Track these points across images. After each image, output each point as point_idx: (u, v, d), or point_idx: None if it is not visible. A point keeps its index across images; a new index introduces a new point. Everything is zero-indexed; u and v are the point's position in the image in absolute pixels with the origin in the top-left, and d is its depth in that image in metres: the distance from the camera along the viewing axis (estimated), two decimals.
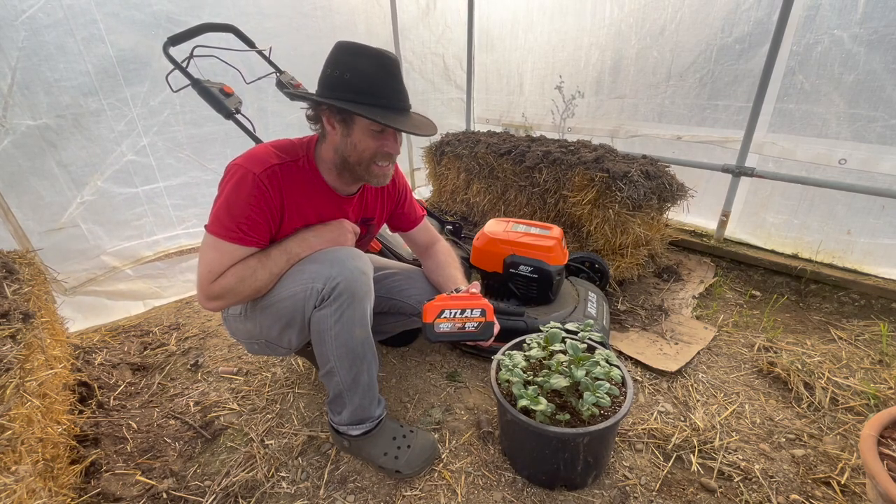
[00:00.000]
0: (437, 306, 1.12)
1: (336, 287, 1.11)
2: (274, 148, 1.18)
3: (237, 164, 1.12)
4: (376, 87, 1.09)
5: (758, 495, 1.24)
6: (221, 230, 1.08)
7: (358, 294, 1.14)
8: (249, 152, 1.16)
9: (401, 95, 1.14)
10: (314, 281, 1.12)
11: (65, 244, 2.00)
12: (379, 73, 1.09)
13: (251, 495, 1.26)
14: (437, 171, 3.25)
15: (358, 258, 1.17)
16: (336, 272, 1.12)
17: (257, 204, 1.10)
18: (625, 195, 2.02)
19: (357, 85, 1.08)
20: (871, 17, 1.93)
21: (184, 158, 2.29)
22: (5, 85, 1.74)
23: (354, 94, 1.08)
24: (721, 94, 2.48)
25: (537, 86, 3.46)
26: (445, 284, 1.41)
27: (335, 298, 1.12)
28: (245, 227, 1.09)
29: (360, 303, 1.15)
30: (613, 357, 1.30)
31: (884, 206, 2.06)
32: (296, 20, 2.62)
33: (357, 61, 1.08)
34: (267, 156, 1.14)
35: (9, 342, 1.15)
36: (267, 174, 1.11)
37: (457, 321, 1.10)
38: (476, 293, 1.26)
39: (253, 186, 1.09)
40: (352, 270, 1.13)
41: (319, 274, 1.12)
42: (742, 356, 1.82)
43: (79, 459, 1.32)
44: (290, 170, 1.16)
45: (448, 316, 1.10)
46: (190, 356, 1.89)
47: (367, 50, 1.09)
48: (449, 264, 1.48)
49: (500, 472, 1.32)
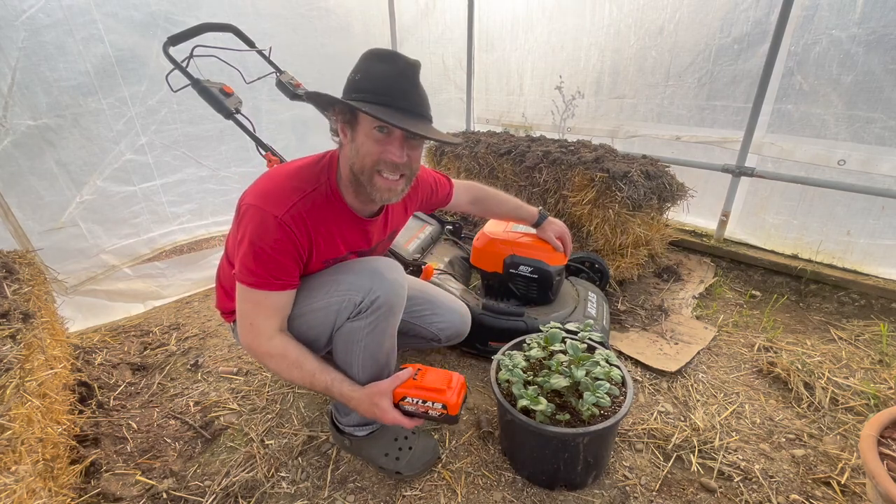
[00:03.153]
0: (401, 392, 1.11)
1: (376, 300, 1.09)
2: (290, 179, 1.08)
3: (253, 206, 1.03)
4: (385, 87, 1.00)
5: (758, 495, 1.24)
6: (253, 279, 1.04)
7: (395, 307, 1.13)
8: (264, 187, 1.07)
9: (415, 99, 1.03)
10: (351, 292, 1.09)
11: (64, 243, 1.99)
12: (390, 73, 1.00)
13: (251, 495, 1.26)
14: (436, 171, 3.25)
15: (396, 271, 1.15)
16: (377, 285, 1.09)
17: (284, 248, 1.04)
18: (625, 195, 2.03)
19: (366, 84, 1.00)
20: (870, 17, 1.93)
21: (180, 156, 2.30)
22: (5, 85, 1.74)
23: (361, 94, 1.00)
24: (720, 95, 2.48)
25: (537, 86, 3.46)
26: (509, 217, 1.75)
27: (373, 311, 1.10)
28: (276, 273, 1.05)
29: (395, 316, 1.14)
30: (613, 357, 1.30)
31: (883, 207, 2.06)
32: (292, 20, 2.63)
33: (372, 64, 1.02)
34: (286, 192, 1.05)
35: (9, 342, 1.15)
36: (290, 215, 1.03)
37: (419, 407, 1.10)
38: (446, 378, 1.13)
39: (277, 231, 1.02)
40: (391, 283, 1.11)
41: (358, 286, 1.09)
42: (742, 356, 1.82)
43: (79, 459, 1.32)
44: (312, 202, 1.07)
45: (410, 401, 1.10)
46: (190, 356, 1.89)
47: (386, 54, 1.03)
48: (500, 204, 1.67)
49: (500, 472, 1.32)
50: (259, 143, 1.66)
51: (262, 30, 2.46)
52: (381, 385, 1.09)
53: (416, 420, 1.11)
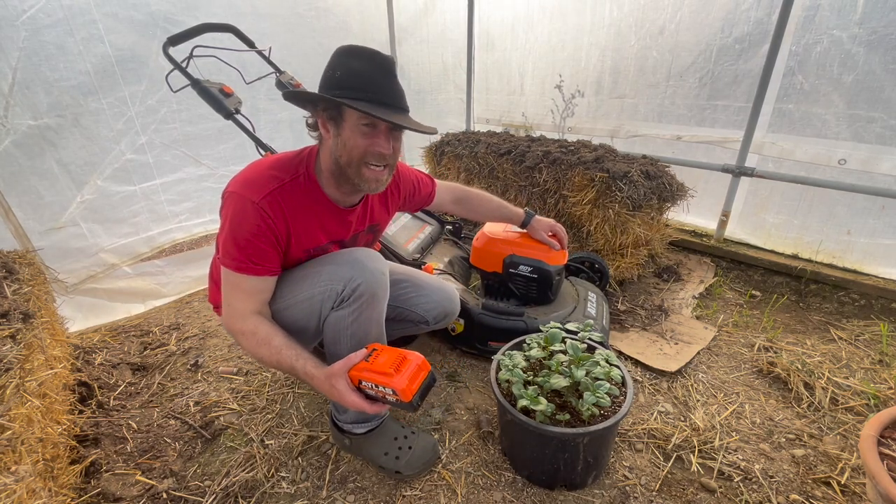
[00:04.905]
0: (356, 375, 1.04)
1: (357, 288, 1.11)
2: (269, 168, 1.13)
3: (234, 193, 1.08)
4: (366, 82, 1.05)
5: (758, 495, 1.24)
6: (232, 262, 1.08)
7: (378, 295, 1.14)
8: (245, 176, 1.11)
9: (394, 93, 1.09)
10: (332, 282, 1.11)
11: (65, 243, 2.00)
12: (369, 69, 1.06)
13: (251, 495, 1.26)
14: (436, 171, 3.25)
15: (376, 259, 1.17)
16: (357, 273, 1.11)
17: (262, 233, 1.07)
18: (625, 195, 2.02)
19: (347, 81, 1.04)
20: (870, 17, 1.93)
21: (179, 155, 2.31)
22: (6, 85, 1.74)
23: (343, 90, 1.04)
24: (721, 95, 2.48)
25: (538, 86, 3.46)
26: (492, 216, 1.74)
27: (355, 299, 1.12)
28: (255, 258, 1.08)
29: (378, 303, 1.16)
30: (613, 357, 1.30)
31: (883, 207, 2.06)
32: (291, 20, 2.63)
33: (349, 61, 1.06)
34: (263, 180, 1.09)
35: (9, 342, 1.15)
36: (267, 201, 1.07)
37: (377, 391, 1.02)
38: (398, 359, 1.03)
39: (255, 216, 1.06)
40: (372, 272, 1.13)
41: (338, 275, 1.12)
42: (742, 356, 1.82)
43: (79, 459, 1.32)
44: (290, 190, 1.12)
45: (367, 385, 1.03)
46: (190, 356, 1.89)
47: (362, 50, 1.07)
48: (481, 203, 1.68)
49: (500, 472, 1.32)
50: (258, 143, 1.66)
51: (261, 30, 2.46)
52: (334, 367, 1.04)
53: (379, 405, 1.04)
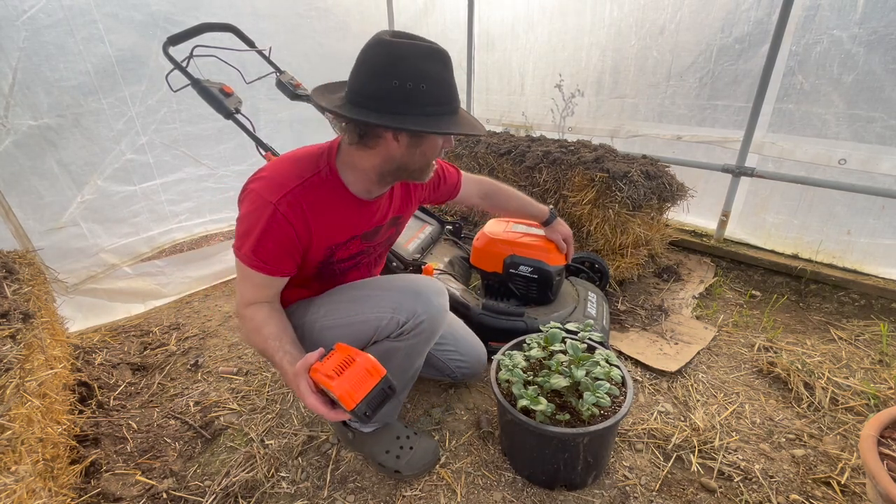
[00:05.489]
0: (313, 377, 0.93)
1: (420, 324, 1.10)
2: (291, 164, 1.08)
3: (254, 191, 1.03)
4: (447, 91, 0.97)
5: (758, 495, 1.24)
6: (244, 258, 1.05)
7: (436, 333, 1.15)
8: (266, 172, 1.07)
9: (458, 94, 1.03)
10: (397, 312, 1.09)
11: (65, 243, 2.00)
12: (445, 76, 0.97)
13: (251, 495, 1.26)
14: None
15: (441, 295, 1.15)
16: (423, 309, 1.10)
17: (277, 238, 1.03)
18: (625, 195, 2.02)
19: (431, 95, 0.94)
20: (871, 17, 1.93)
21: (179, 155, 2.31)
22: (7, 85, 1.74)
23: (427, 107, 0.95)
24: (721, 95, 2.48)
25: (538, 85, 3.45)
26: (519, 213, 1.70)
27: (416, 335, 1.10)
28: (265, 258, 1.05)
29: (433, 340, 1.16)
30: (613, 357, 1.30)
31: (884, 207, 2.06)
32: (291, 20, 2.63)
33: (424, 65, 0.93)
34: (284, 178, 1.04)
35: (9, 342, 1.15)
36: (287, 200, 1.01)
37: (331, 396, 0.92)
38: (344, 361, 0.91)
39: (271, 217, 1.01)
40: (437, 309, 1.11)
41: (403, 306, 1.09)
42: (742, 356, 1.82)
43: (79, 459, 1.32)
44: (311, 187, 1.06)
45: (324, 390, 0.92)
46: (190, 356, 1.89)
47: (428, 48, 0.95)
48: (510, 200, 1.63)
49: (500, 472, 1.32)
50: (259, 143, 1.66)
51: (261, 30, 2.46)
52: (297, 365, 0.96)
53: (340, 412, 0.93)
